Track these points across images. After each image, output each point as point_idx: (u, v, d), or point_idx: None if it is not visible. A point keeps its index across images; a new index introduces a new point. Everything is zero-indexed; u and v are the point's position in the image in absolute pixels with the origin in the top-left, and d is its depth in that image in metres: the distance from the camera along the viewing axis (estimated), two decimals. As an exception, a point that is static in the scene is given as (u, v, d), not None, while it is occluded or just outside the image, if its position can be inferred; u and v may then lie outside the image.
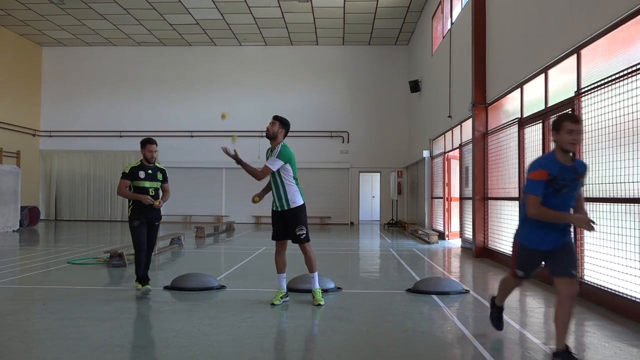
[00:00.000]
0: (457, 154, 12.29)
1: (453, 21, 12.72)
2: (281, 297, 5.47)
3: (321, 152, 20.33)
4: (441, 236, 13.38)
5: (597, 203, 5.50)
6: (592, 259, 5.60)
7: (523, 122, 7.82)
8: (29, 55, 20.46)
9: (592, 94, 5.63)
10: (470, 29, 10.38)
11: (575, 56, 6.15)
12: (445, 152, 13.46)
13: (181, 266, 8.52)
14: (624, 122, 4.98)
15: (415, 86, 17.58)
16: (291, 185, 5.44)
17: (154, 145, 6.11)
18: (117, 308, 5.24)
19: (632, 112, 4.84)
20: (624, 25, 5.10)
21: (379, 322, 4.74)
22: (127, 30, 19.13)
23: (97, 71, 21.21)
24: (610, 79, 5.21)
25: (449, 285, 6.18)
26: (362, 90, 20.76)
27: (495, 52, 9.44)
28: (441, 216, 13.83)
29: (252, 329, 4.46)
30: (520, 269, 3.79)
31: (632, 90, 4.86)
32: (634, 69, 4.81)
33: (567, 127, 3.47)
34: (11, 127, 19.20)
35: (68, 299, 5.77)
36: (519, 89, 8.22)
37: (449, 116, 12.76)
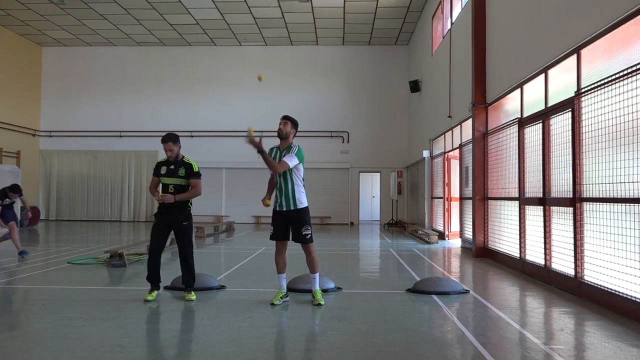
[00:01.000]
0: (457, 154, 12.28)
1: (453, 21, 12.72)
2: (281, 297, 5.47)
3: (321, 152, 20.32)
4: (441, 236, 13.38)
5: (597, 203, 5.50)
6: (592, 259, 5.60)
7: (523, 122, 7.82)
8: (29, 55, 20.46)
9: (592, 94, 5.63)
10: (470, 29, 10.38)
11: (575, 56, 6.15)
12: (445, 152, 13.46)
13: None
14: (624, 122, 4.98)
15: (415, 86, 17.57)
16: (300, 185, 5.49)
17: (168, 144, 5.72)
18: (117, 308, 5.24)
19: (632, 112, 4.84)
20: (624, 25, 5.10)
21: (379, 322, 4.74)
22: (127, 30, 19.13)
23: (97, 71, 21.21)
24: (610, 79, 5.21)
25: (449, 285, 6.18)
26: (362, 90, 20.76)
27: (495, 52, 9.44)
28: (441, 216, 13.82)
29: (252, 329, 4.46)
30: None
31: (632, 90, 4.86)
32: (634, 69, 4.81)
33: None
34: (11, 127, 19.20)
35: (68, 299, 5.76)
36: (519, 89, 8.21)
37: (449, 116, 12.76)
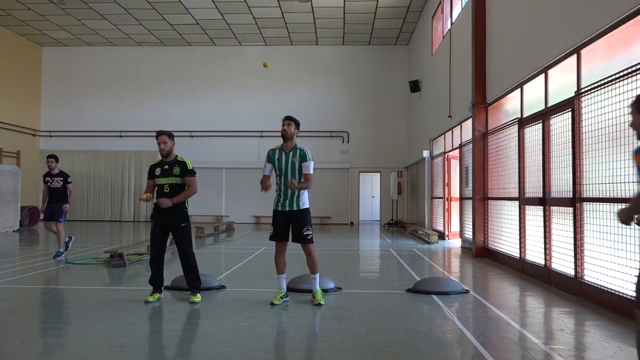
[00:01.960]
0: (457, 154, 12.28)
1: (453, 21, 12.72)
2: (281, 297, 5.47)
3: (321, 152, 20.27)
4: (441, 236, 13.38)
5: (597, 203, 5.50)
6: (592, 259, 5.60)
7: (523, 122, 7.82)
8: (29, 55, 20.46)
9: (592, 94, 5.63)
10: (470, 29, 10.38)
11: (575, 56, 6.15)
12: (445, 152, 13.45)
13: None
14: (624, 122, 4.98)
15: (415, 86, 17.57)
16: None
17: (162, 137, 5.70)
18: (117, 308, 5.24)
19: (632, 112, 4.83)
20: (624, 25, 5.10)
21: (379, 322, 4.74)
22: (127, 30, 19.13)
23: (97, 71, 21.22)
24: (610, 79, 5.21)
25: (449, 285, 6.18)
26: (362, 90, 20.76)
27: (495, 52, 9.44)
28: (441, 216, 13.82)
29: (252, 329, 4.46)
30: None
31: (632, 90, 4.85)
32: (634, 69, 4.81)
33: None
34: (11, 127, 19.20)
35: (68, 299, 5.76)
36: (519, 89, 8.21)
37: (449, 116, 12.76)
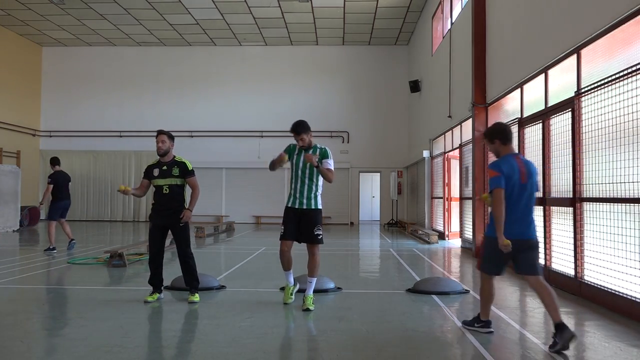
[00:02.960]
0: (457, 154, 12.28)
1: (453, 21, 12.72)
2: (291, 293, 5.49)
3: (321, 152, 20.25)
4: (441, 236, 13.38)
5: (597, 203, 5.50)
6: (592, 259, 5.60)
7: (523, 122, 7.81)
8: (29, 55, 20.46)
9: (592, 94, 5.63)
10: (470, 29, 10.38)
11: (575, 56, 6.15)
12: (445, 152, 13.45)
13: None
14: (624, 122, 4.98)
15: (415, 86, 17.57)
16: (321, 187, 5.50)
17: (161, 136, 5.68)
18: (117, 308, 5.24)
19: (632, 112, 4.84)
20: (624, 25, 5.10)
21: (379, 322, 4.74)
22: (127, 30, 19.13)
23: (97, 71, 21.20)
24: (610, 79, 5.21)
25: (449, 285, 6.18)
26: (362, 90, 20.75)
27: (495, 52, 9.44)
28: (441, 216, 13.82)
29: (252, 329, 4.46)
30: None
31: (632, 90, 4.86)
32: (634, 69, 4.81)
33: None
34: (11, 127, 19.19)
35: (68, 299, 5.76)
36: (519, 89, 8.21)
37: (449, 116, 12.76)
